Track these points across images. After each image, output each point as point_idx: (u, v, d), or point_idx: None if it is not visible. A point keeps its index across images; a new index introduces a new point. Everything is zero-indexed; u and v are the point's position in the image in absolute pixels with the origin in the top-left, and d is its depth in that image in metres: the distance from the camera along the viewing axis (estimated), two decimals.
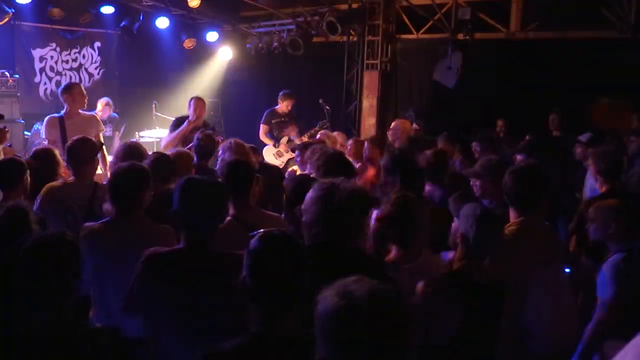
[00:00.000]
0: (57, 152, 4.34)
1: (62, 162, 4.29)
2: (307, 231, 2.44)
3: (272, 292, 1.81)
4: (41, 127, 7.51)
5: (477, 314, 2.50)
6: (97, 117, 6.30)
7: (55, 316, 1.97)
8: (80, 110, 5.98)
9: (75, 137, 4.27)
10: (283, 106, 7.79)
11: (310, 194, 2.44)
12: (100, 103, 7.95)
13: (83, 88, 6.08)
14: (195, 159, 4.76)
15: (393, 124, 6.44)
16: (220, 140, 5.22)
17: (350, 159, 4.99)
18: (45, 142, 5.82)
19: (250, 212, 3.29)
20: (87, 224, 3.06)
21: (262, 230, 1.92)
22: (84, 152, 3.98)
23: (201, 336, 2.47)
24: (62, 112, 5.86)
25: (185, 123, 6.23)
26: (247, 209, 3.28)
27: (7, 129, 5.01)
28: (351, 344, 1.45)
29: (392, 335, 1.47)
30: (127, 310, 2.62)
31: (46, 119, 5.94)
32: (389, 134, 6.30)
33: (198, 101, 6.42)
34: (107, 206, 3.05)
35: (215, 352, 1.83)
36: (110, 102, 8.12)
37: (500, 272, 2.67)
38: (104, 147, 5.88)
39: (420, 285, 2.51)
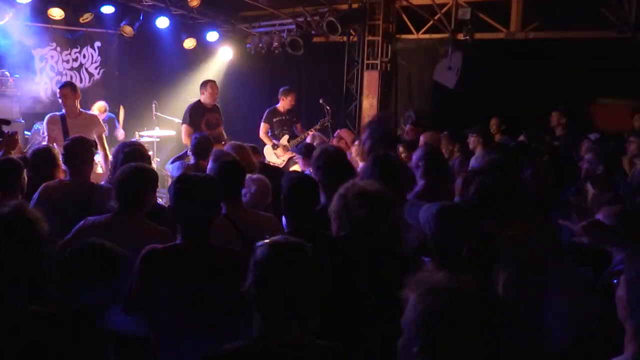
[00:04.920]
0: (56, 151, 4.32)
1: (60, 163, 4.28)
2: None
3: (278, 302, 1.79)
4: (41, 126, 7.54)
5: None
6: (99, 117, 6.29)
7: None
8: (82, 110, 5.97)
9: (72, 137, 4.25)
10: (285, 103, 7.79)
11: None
12: (96, 108, 7.89)
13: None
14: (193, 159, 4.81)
15: (422, 138, 5.94)
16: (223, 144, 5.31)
17: (357, 159, 5.02)
18: (46, 140, 5.80)
19: (242, 212, 3.32)
20: (89, 218, 3.09)
21: (267, 239, 1.90)
22: (82, 152, 3.98)
23: (199, 332, 2.47)
24: (63, 110, 5.85)
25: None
26: (239, 209, 3.31)
27: (17, 134, 4.95)
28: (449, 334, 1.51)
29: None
30: (129, 311, 2.62)
31: (47, 116, 5.93)
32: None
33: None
34: (112, 203, 3.11)
35: (214, 354, 1.82)
36: (106, 105, 8.13)
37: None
38: (106, 147, 5.88)
39: None
